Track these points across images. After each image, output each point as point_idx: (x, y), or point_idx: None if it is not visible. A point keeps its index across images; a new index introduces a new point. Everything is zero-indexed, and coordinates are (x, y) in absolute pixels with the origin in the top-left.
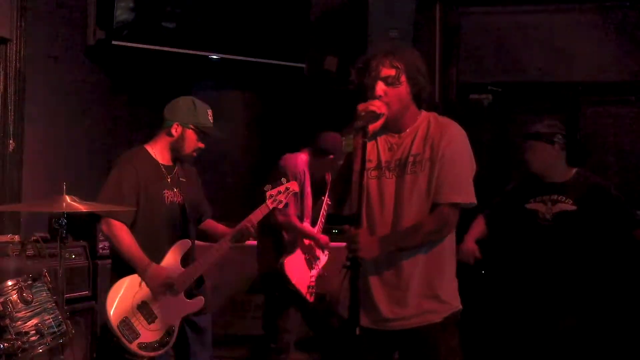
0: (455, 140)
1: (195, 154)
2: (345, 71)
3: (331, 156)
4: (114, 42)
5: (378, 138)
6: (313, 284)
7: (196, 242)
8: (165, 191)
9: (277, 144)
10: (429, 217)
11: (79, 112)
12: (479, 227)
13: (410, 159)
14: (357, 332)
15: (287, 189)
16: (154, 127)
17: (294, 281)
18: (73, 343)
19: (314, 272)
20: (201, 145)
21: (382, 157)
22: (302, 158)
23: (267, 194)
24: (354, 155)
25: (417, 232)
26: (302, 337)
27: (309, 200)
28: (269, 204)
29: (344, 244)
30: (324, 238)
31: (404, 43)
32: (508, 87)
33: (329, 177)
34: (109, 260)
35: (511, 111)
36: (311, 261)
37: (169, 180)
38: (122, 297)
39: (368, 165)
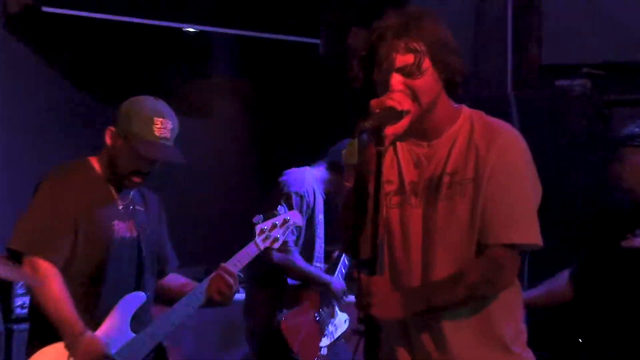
0: (510, 152)
1: (136, 179)
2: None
3: None
4: (44, 9)
5: (399, 149)
6: (325, 356)
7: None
8: (115, 222)
9: (279, 154)
10: (474, 263)
11: None
12: (551, 289)
13: (446, 178)
14: None
15: (284, 221)
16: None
17: (295, 348)
18: None
19: (327, 339)
20: (141, 168)
21: (406, 176)
22: (311, 174)
23: (257, 228)
24: (366, 171)
25: (457, 284)
26: None
27: (320, 234)
28: (259, 242)
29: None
30: (339, 284)
31: (422, 10)
32: (613, 68)
33: None
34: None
35: (617, 103)
36: (323, 323)
37: (120, 207)
38: None
39: (387, 187)
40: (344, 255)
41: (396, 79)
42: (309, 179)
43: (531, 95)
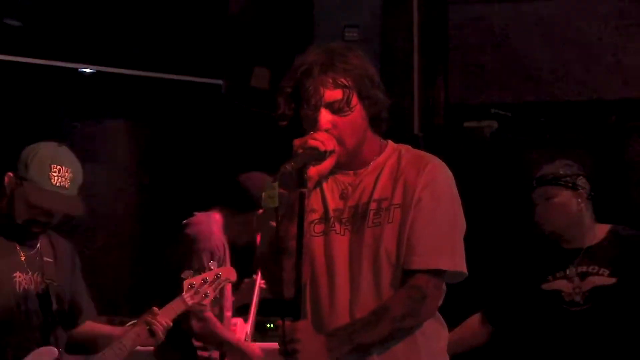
0: (439, 180)
1: (35, 229)
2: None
3: (260, 210)
4: None
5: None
6: None
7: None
8: (17, 274)
9: (180, 198)
10: (397, 295)
11: None
12: (463, 335)
13: (373, 205)
14: None
15: (216, 277)
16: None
17: None
18: None
19: None
20: (36, 217)
21: (330, 203)
22: (216, 222)
23: (186, 283)
24: (287, 212)
25: (381, 319)
26: None
27: (228, 285)
28: (188, 298)
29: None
30: (258, 354)
31: (346, 45)
32: (520, 109)
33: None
34: None
35: (525, 144)
36: None
37: (22, 258)
38: None
39: (311, 216)
40: (255, 297)
41: (324, 116)
42: (216, 229)
43: (440, 137)
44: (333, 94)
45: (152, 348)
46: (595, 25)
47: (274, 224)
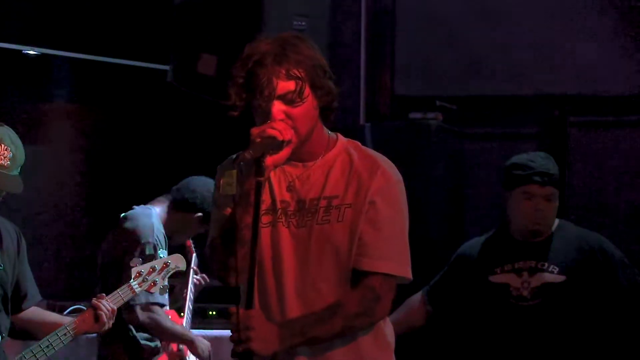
0: (391, 184)
1: None
2: (229, 76)
3: (198, 215)
4: None
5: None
6: None
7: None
8: None
9: (125, 185)
10: (352, 294)
11: None
12: (404, 314)
13: (323, 202)
14: None
15: (165, 265)
16: None
17: None
18: None
19: None
20: None
21: (278, 195)
22: (156, 216)
23: (134, 270)
24: (243, 201)
25: (334, 315)
26: None
27: None
28: (135, 286)
29: (226, 331)
30: (205, 344)
31: (297, 35)
32: (466, 102)
33: (190, 245)
34: None
35: (470, 136)
36: None
37: None
38: None
39: (263, 206)
40: (189, 291)
41: (277, 107)
42: (156, 223)
43: (386, 127)
44: (286, 85)
45: (95, 336)
46: (544, 19)
47: (229, 211)
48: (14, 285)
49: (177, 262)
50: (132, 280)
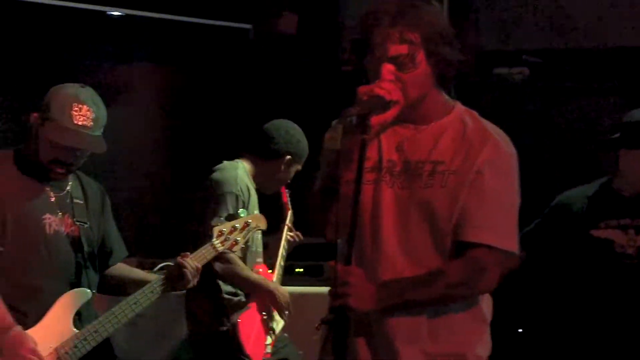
0: (503, 155)
1: (59, 169)
2: (309, 35)
3: (284, 158)
4: None
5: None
6: (269, 355)
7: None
8: (46, 216)
9: (208, 145)
10: (455, 263)
11: None
12: None
13: (428, 166)
14: None
15: (246, 224)
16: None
17: (248, 350)
18: None
19: (270, 337)
20: (59, 157)
21: (385, 154)
22: (242, 168)
23: (215, 230)
24: (345, 157)
25: (435, 281)
26: None
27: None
28: (218, 245)
29: (311, 288)
30: (285, 297)
31: None
32: (553, 55)
33: (285, 193)
34: None
35: (559, 92)
36: (268, 322)
37: (52, 200)
38: None
39: (366, 164)
40: (282, 248)
41: (387, 69)
42: (241, 174)
43: (470, 83)
44: (398, 49)
45: (182, 292)
46: None
47: (332, 166)
48: (100, 242)
49: (257, 221)
50: (214, 239)
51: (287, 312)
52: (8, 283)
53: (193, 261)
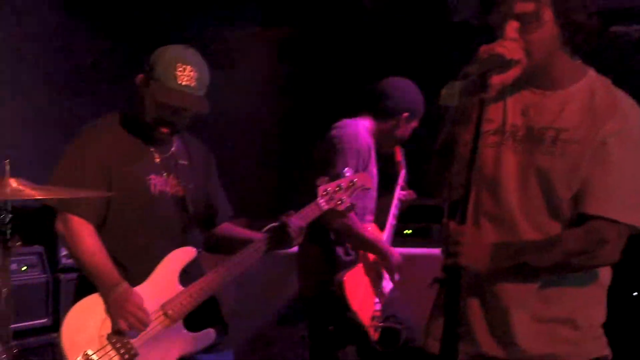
0: (632, 127)
1: (164, 129)
2: None
3: (404, 114)
4: None
5: (509, 89)
6: (378, 314)
7: (205, 253)
8: (151, 176)
9: (322, 106)
10: (574, 231)
11: (27, 60)
12: None
13: (551, 133)
14: None
15: (351, 183)
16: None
17: (355, 307)
18: None
19: (379, 299)
20: (164, 117)
21: (510, 118)
22: (362, 126)
23: (320, 189)
24: (463, 117)
25: (553, 247)
26: None
27: (373, 189)
28: (322, 204)
29: (420, 249)
30: (397, 258)
31: None
32: None
33: (399, 151)
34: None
35: None
36: (377, 282)
37: (157, 160)
38: (87, 322)
39: (486, 125)
40: (393, 207)
41: (511, 27)
42: (362, 131)
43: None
44: (524, 6)
45: (292, 252)
46: None
47: (450, 125)
48: (205, 202)
49: (363, 180)
50: (318, 197)
51: (397, 275)
52: (115, 242)
53: (297, 220)
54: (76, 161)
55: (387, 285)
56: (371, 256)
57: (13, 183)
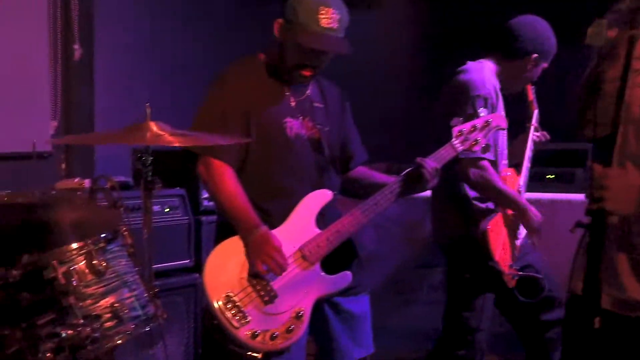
0: None
1: (305, 73)
2: None
3: (533, 55)
4: None
5: None
6: (514, 262)
7: (341, 196)
8: (287, 119)
9: (451, 48)
10: None
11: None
12: None
13: None
14: (597, 324)
15: (486, 123)
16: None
17: (497, 257)
18: (168, 332)
19: (516, 248)
20: (306, 60)
21: None
22: (489, 69)
23: (455, 130)
24: (611, 54)
25: None
26: (496, 333)
27: (503, 134)
28: (457, 144)
29: (562, 194)
30: (537, 218)
31: None
32: None
33: (530, 91)
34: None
35: None
36: (514, 232)
37: (293, 104)
38: (228, 265)
39: (636, 64)
40: (528, 149)
41: None
42: (489, 75)
43: None
44: None
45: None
46: None
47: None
48: (341, 145)
49: (498, 120)
50: (453, 138)
51: (537, 239)
52: (253, 184)
53: (432, 161)
54: (217, 106)
55: (522, 232)
56: (510, 212)
57: (153, 127)
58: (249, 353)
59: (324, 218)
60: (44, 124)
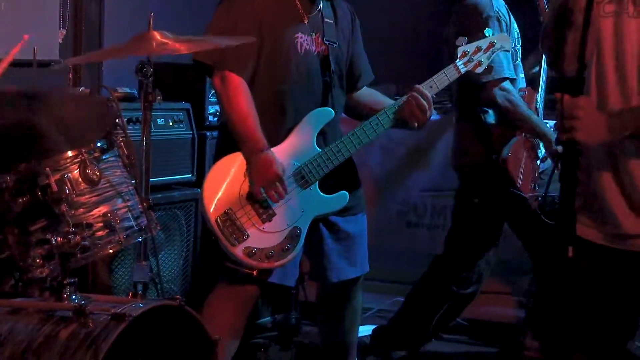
0: None
1: None
2: None
3: None
4: None
5: None
6: (536, 183)
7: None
8: (298, 35)
9: None
10: None
11: None
12: None
13: None
14: (570, 252)
15: (491, 44)
16: None
17: (518, 183)
18: (168, 243)
19: (537, 170)
20: None
21: None
22: None
23: (460, 50)
24: None
25: None
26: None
27: (518, 51)
28: (460, 66)
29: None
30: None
31: None
32: None
33: (542, 4)
34: None
35: None
36: (533, 154)
37: (305, 20)
38: (228, 181)
39: None
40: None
41: None
42: None
43: None
44: None
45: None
46: None
47: None
48: (349, 64)
49: (503, 41)
50: (457, 59)
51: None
52: (259, 100)
53: (425, 90)
54: (229, 16)
55: (542, 153)
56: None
57: (157, 36)
58: (245, 270)
59: (326, 136)
60: (52, 33)
